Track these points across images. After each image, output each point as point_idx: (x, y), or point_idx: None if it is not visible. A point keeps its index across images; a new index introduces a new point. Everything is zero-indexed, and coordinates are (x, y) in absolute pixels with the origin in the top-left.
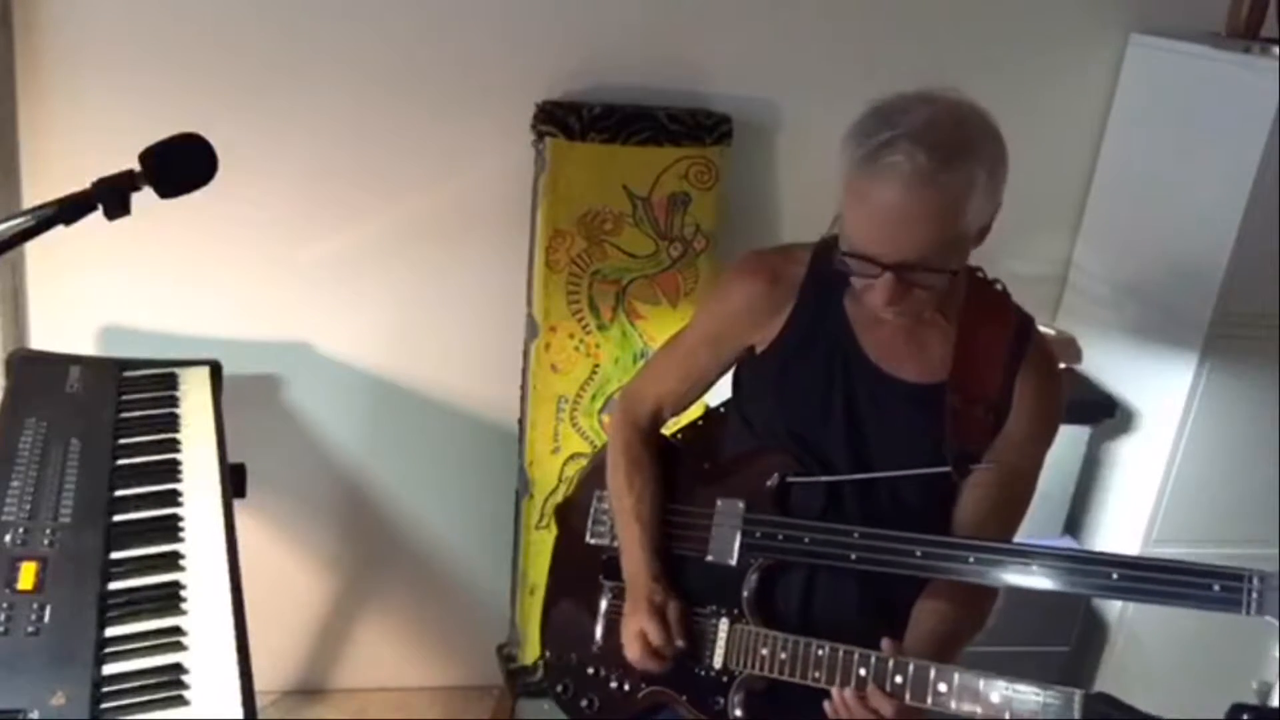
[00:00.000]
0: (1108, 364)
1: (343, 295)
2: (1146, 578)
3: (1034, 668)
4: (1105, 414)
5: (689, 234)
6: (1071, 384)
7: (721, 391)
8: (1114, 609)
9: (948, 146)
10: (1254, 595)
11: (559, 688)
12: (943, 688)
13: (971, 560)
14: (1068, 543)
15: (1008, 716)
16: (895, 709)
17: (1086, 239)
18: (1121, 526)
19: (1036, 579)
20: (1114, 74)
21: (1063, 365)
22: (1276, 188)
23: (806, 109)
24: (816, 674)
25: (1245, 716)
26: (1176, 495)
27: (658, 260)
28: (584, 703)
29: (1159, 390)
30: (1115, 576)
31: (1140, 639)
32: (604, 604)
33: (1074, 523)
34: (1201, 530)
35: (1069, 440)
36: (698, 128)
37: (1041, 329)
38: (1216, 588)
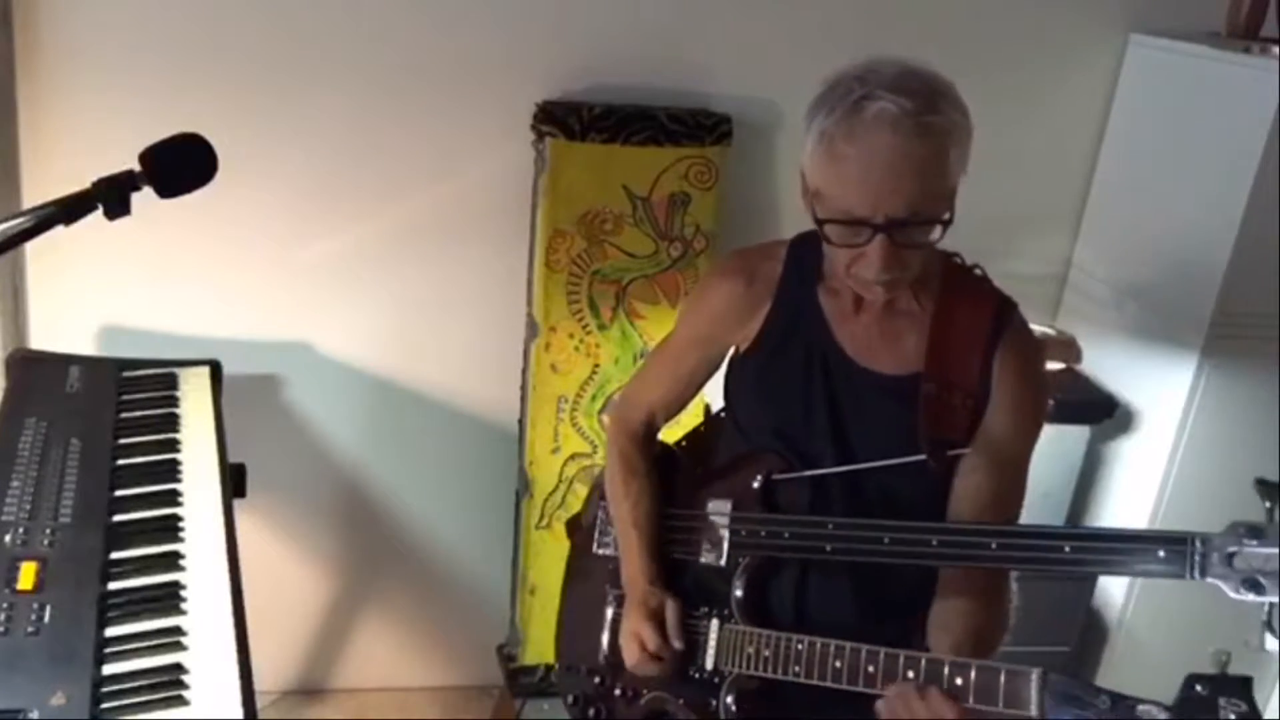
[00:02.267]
0: (1108, 364)
1: (343, 295)
2: (1096, 548)
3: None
4: (1105, 414)
5: (689, 234)
6: (1072, 384)
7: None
8: (1114, 610)
9: (925, 93)
10: (1196, 559)
11: (570, 698)
12: (910, 674)
13: (935, 543)
14: None
15: (971, 701)
16: (959, 712)
17: (1086, 239)
18: (1121, 526)
19: (997, 558)
20: (1114, 74)
21: (1063, 365)
22: (1276, 188)
23: (806, 109)
24: (797, 668)
25: (1198, 686)
26: (1176, 495)
27: (658, 260)
28: (591, 712)
29: (1159, 390)
30: (1068, 550)
31: (1140, 639)
32: (609, 612)
33: (1074, 523)
34: (1201, 530)
35: (1069, 440)
36: (698, 128)
37: (1041, 329)
38: (1161, 553)
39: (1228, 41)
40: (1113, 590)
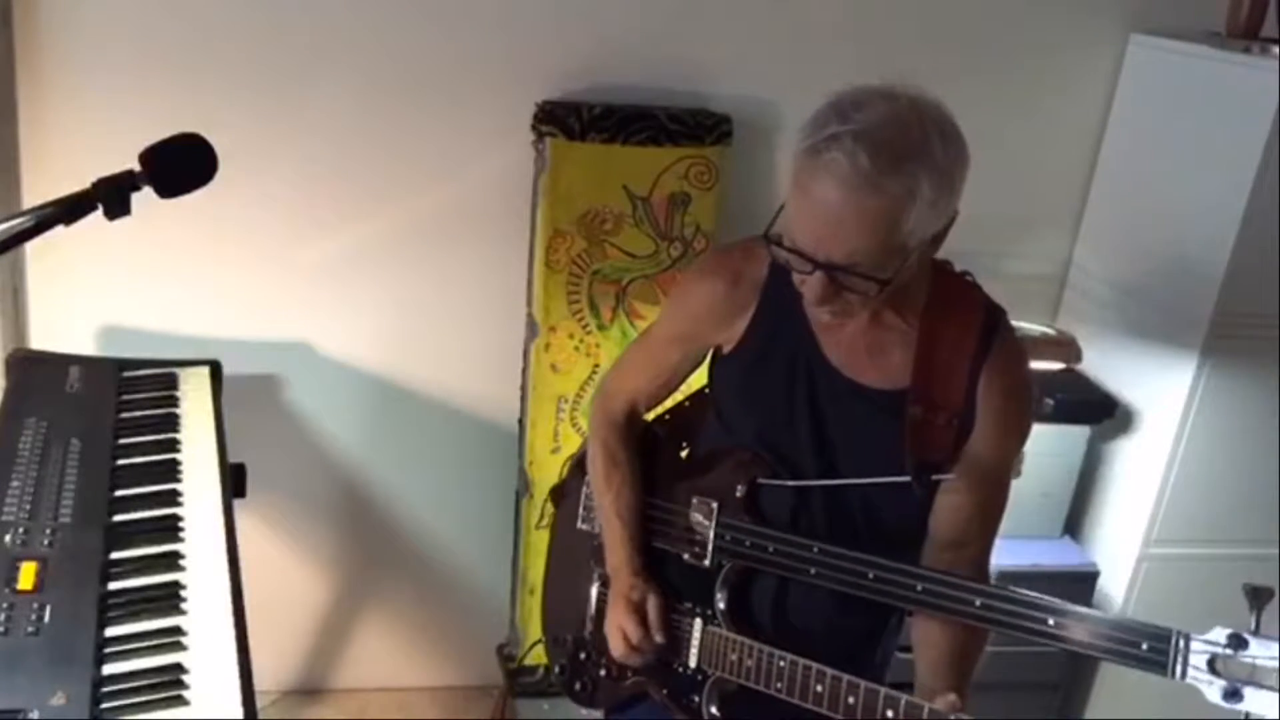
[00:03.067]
0: (1108, 364)
1: (343, 295)
2: (1080, 628)
3: (1035, 668)
4: (1105, 414)
5: (689, 234)
6: (1072, 384)
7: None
8: (1112, 609)
9: (892, 150)
10: (1178, 658)
11: (558, 667)
12: (890, 714)
13: (920, 589)
14: (1067, 543)
15: None
16: None
17: (1086, 239)
18: (1121, 526)
19: (979, 616)
20: (1114, 74)
21: (1063, 365)
22: (1276, 188)
23: (806, 109)
24: (779, 684)
25: None
26: (1176, 495)
27: (658, 260)
28: (577, 685)
29: (1159, 390)
30: (1051, 623)
31: None
32: (594, 590)
33: (1074, 523)
34: (1201, 530)
35: (1069, 440)
36: (698, 128)
37: (1041, 329)
38: (1144, 646)
39: (1228, 41)
40: (1111, 589)
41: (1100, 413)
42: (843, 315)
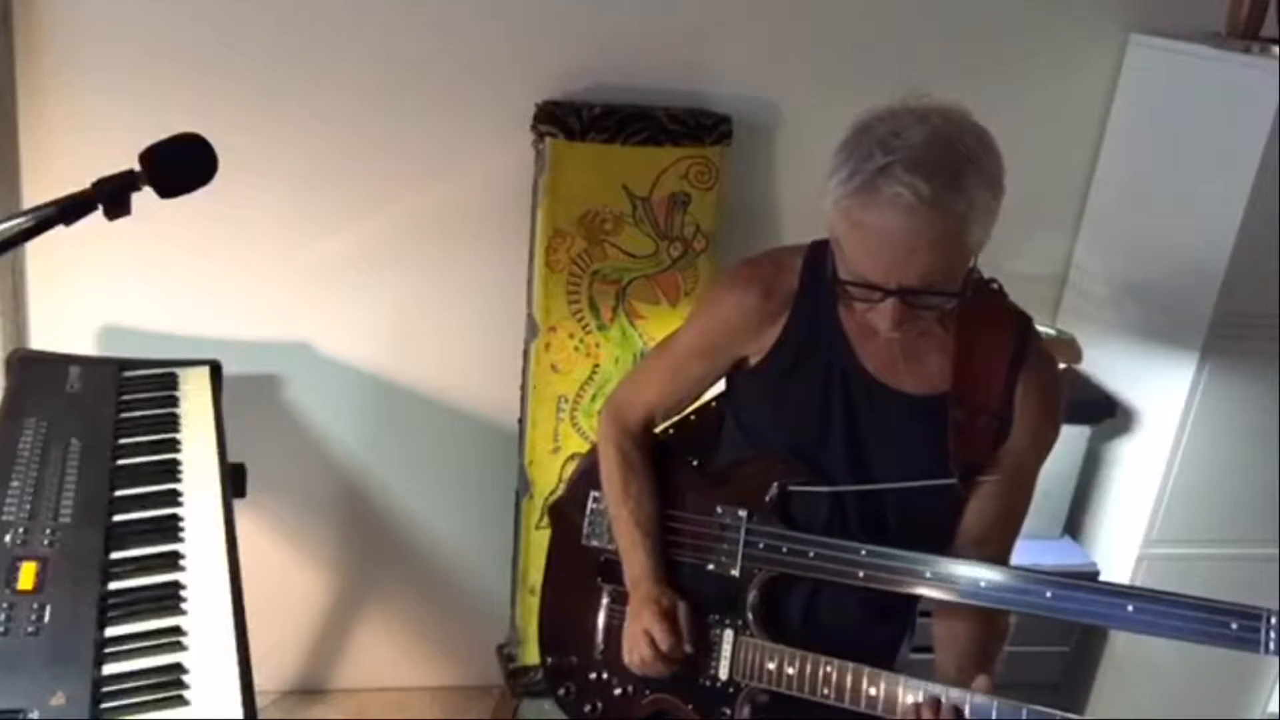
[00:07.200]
0: (1108, 364)
1: (343, 295)
2: (1164, 612)
3: (1035, 668)
4: (1105, 414)
5: (689, 234)
6: (1071, 384)
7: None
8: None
9: (948, 170)
10: (1271, 635)
11: (561, 690)
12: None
13: (984, 585)
14: (1067, 543)
15: None
16: None
17: (1086, 239)
18: (1121, 526)
19: (1051, 606)
20: (1114, 74)
21: (1062, 365)
22: (1276, 188)
23: (806, 109)
24: (826, 691)
25: None
26: (1176, 495)
27: (658, 260)
28: (587, 708)
29: (1159, 390)
30: (1131, 609)
31: (1140, 639)
32: (604, 607)
33: (1074, 523)
34: (1201, 530)
35: (1069, 440)
36: (698, 128)
37: (1041, 329)
38: (1234, 626)
39: (1228, 41)
40: None
41: (1100, 413)
42: (913, 333)
